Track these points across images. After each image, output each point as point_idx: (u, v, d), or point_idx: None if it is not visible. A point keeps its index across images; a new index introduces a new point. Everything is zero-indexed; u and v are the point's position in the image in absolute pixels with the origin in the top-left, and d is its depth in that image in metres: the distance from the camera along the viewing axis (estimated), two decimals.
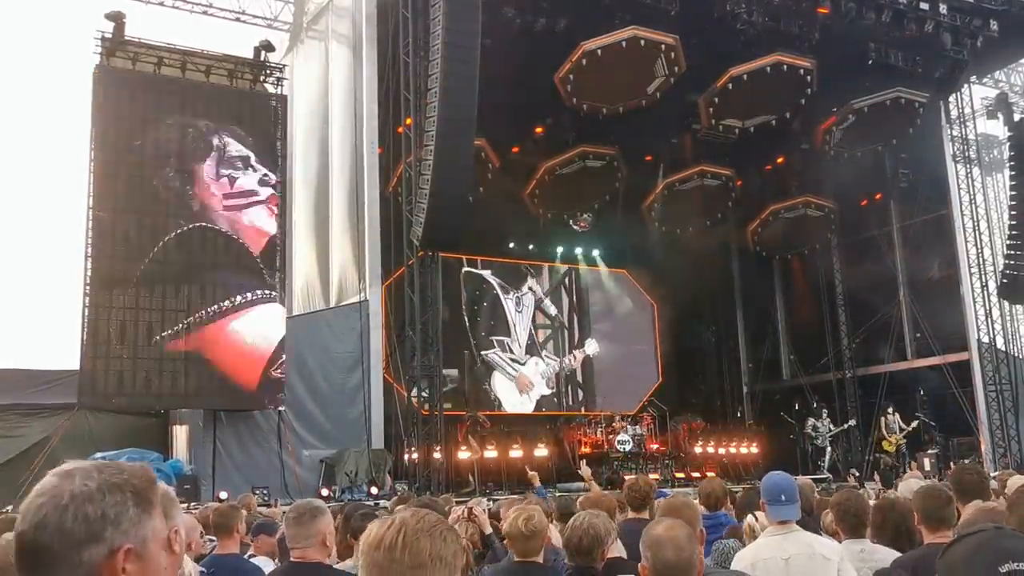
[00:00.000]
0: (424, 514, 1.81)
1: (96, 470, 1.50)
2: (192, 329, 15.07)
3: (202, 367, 14.98)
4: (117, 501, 1.45)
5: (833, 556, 3.87)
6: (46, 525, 1.41)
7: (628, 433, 20.41)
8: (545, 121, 21.49)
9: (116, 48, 15.53)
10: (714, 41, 18.46)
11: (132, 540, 1.45)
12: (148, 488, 1.52)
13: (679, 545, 2.86)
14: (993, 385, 20.33)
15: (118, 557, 1.44)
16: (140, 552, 1.46)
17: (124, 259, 14.80)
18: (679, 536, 2.90)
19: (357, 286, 16.85)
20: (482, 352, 23.35)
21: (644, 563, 2.93)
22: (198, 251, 15.36)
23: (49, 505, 1.43)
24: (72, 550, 1.41)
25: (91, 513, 1.42)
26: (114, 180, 15.00)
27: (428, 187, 14.59)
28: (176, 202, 15.30)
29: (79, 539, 1.41)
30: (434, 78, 14.54)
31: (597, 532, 3.61)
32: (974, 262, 20.90)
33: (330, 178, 17.83)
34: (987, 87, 23.51)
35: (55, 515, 1.42)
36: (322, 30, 18.94)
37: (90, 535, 1.41)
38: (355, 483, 15.06)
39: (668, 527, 2.96)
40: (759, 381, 26.92)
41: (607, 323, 25.96)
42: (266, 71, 16.86)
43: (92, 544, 1.41)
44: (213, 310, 15.27)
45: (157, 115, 15.46)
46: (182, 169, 15.41)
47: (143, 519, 1.48)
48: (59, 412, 14.87)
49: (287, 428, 15.69)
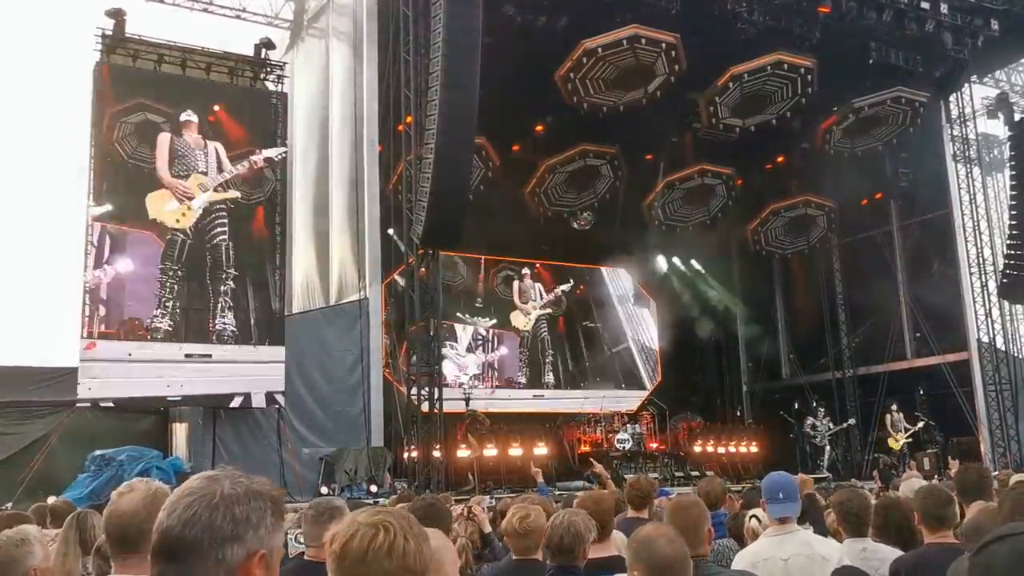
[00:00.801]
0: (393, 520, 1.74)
1: (243, 476, 1.63)
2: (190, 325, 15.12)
3: (202, 363, 15.00)
4: (259, 507, 1.57)
5: (833, 557, 3.87)
6: (196, 521, 1.52)
7: (628, 432, 20.40)
8: (546, 119, 21.51)
9: (116, 45, 15.53)
10: (715, 40, 18.45)
11: (266, 546, 1.57)
12: (282, 502, 1.65)
13: (671, 539, 2.86)
14: (993, 385, 20.34)
15: (254, 560, 1.55)
16: (269, 560, 1.58)
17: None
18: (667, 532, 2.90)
19: (357, 284, 16.84)
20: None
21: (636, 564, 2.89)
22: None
23: (200, 504, 1.54)
24: (218, 546, 1.51)
25: (239, 514, 1.54)
26: (113, 177, 15.01)
27: (428, 185, 14.58)
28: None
29: (225, 536, 1.52)
30: (435, 76, 14.53)
31: (578, 530, 3.59)
32: (974, 262, 20.90)
33: (330, 176, 17.82)
34: (987, 87, 23.50)
35: (206, 512, 1.52)
36: (323, 28, 18.93)
37: (235, 535, 1.53)
38: (354, 481, 15.06)
39: (655, 526, 2.98)
40: (758, 380, 26.93)
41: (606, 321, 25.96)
42: (267, 69, 16.86)
43: (235, 543, 1.53)
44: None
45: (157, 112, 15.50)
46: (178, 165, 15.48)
47: (276, 529, 1.60)
48: (58, 410, 14.86)
49: (287, 426, 15.70)
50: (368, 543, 1.67)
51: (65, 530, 3.85)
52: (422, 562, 1.70)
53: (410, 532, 1.71)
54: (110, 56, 15.48)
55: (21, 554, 2.99)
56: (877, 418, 21.66)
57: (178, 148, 15.65)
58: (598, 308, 25.98)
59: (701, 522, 3.56)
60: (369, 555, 1.66)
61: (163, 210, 15.43)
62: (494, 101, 15.44)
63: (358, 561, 1.67)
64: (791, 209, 24.14)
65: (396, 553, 1.67)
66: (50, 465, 14.02)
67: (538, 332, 24.57)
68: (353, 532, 1.70)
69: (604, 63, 18.10)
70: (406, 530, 1.71)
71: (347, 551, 1.68)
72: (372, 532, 1.68)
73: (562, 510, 3.99)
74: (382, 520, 1.71)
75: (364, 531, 1.69)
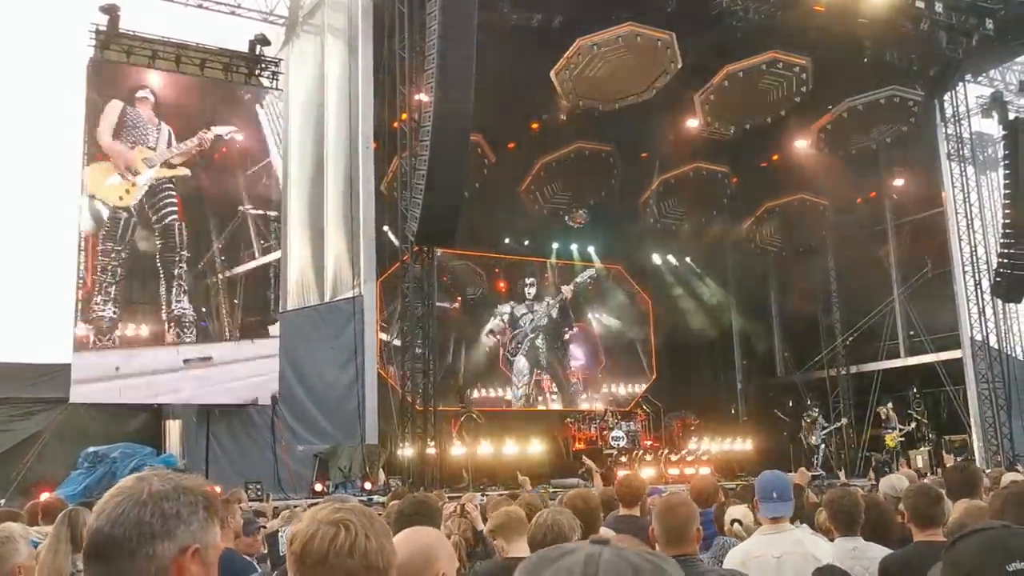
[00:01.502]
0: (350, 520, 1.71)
1: (172, 474, 1.62)
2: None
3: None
4: (190, 503, 1.57)
5: (824, 556, 3.88)
6: (124, 520, 1.52)
7: (622, 429, 20.44)
8: (541, 117, 21.49)
9: (110, 41, 15.47)
10: (710, 38, 18.46)
11: (199, 541, 1.56)
12: (215, 498, 1.63)
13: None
14: (986, 383, 20.39)
15: (187, 555, 1.54)
16: (204, 556, 1.57)
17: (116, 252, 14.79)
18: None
19: (351, 281, 16.83)
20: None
21: None
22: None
23: (128, 502, 1.53)
24: (148, 542, 1.51)
25: (168, 510, 1.54)
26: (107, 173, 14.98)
27: (424, 182, 14.58)
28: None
29: (155, 532, 1.52)
30: (430, 73, 14.52)
31: (561, 529, 3.59)
32: (968, 260, 20.94)
33: (325, 173, 17.80)
34: (982, 86, 23.51)
35: (134, 510, 1.53)
36: (318, 24, 18.89)
37: (165, 531, 1.52)
38: (349, 478, 15.07)
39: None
40: (753, 378, 26.98)
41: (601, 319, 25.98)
42: (261, 65, 16.82)
43: (165, 539, 1.52)
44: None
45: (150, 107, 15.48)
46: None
47: (209, 524, 1.59)
48: (52, 406, 14.83)
49: (281, 423, 15.68)
50: (329, 543, 1.65)
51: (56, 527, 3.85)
52: (385, 560, 1.67)
53: (371, 530, 1.68)
54: (104, 52, 15.44)
55: (6, 551, 2.99)
56: (870, 416, 21.70)
57: (129, 118, 15.27)
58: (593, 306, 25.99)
59: (690, 521, 3.57)
60: (330, 555, 1.64)
61: (103, 184, 14.91)
62: (490, 98, 15.44)
63: (319, 561, 1.64)
64: (786, 207, 24.18)
65: (358, 552, 1.64)
66: (43, 462, 14.01)
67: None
68: (313, 532, 1.67)
69: (600, 60, 18.09)
70: (367, 528, 1.68)
71: (308, 551, 1.66)
72: (333, 531, 1.66)
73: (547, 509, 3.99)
74: (342, 519, 1.68)
75: (324, 530, 1.66)
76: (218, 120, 16.10)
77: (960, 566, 1.48)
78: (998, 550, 1.46)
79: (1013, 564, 1.43)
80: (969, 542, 1.51)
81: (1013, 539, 1.49)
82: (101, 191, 14.85)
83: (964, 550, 1.50)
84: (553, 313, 24.88)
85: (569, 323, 25.19)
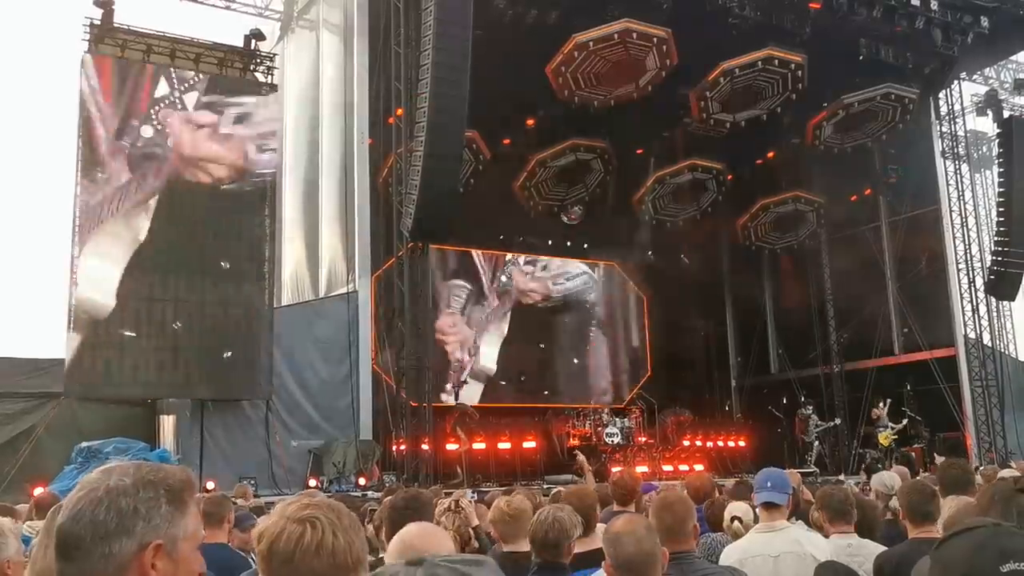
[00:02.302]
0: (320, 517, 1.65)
1: (135, 467, 1.55)
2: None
3: (190, 355, 14.96)
4: (150, 497, 1.50)
5: (821, 554, 3.88)
6: (81, 517, 1.47)
7: (616, 426, 20.47)
8: (536, 113, 21.47)
9: (104, 35, 15.40)
10: (706, 35, 18.44)
11: (162, 537, 1.50)
12: (184, 489, 1.56)
13: (638, 538, 2.87)
14: (979, 381, 20.45)
15: (147, 553, 1.48)
16: (170, 550, 1.51)
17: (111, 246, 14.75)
18: (637, 529, 2.91)
19: (346, 277, 16.81)
20: None
21: (607, 561, 2.93)
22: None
23: (86, 498, 1.48)
24: (103, 541, 1.46)
25: (124, 506, 1.47)
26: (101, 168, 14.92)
27: (419, 178, 14.56)
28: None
29: (109, 530, 1.46)
30: (425, 69, 14.50)
31: (563, 526, 3.58)
32: (962, 258, 21.00)
33: (320, 169, 17.77)
34: (977, 84, 23.59)
35: (90, 507, 1.47)
36: (313, 19, 18.85)
37: (121, 528, 1.46)
38: (343, 474, 15.06)
39: (626, 521, 2.98)
40: (747, 375, 27.00)
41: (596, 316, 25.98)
42: (256, 60, 16.75)
43: (122, 536, 1.46)
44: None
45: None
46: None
47: (175, 518, 1.52)
48: (45, 401, 14.79)
49: (275, 418, 15.65)
50: (295, 543, 1.60)
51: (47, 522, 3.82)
52: (353, 557, 1.63)
53: (339, 527, 1.63)
54: (98, 46, 15.36)
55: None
56: (864, 414, 21.74)
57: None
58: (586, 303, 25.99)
59: (687, 518, 3.56)
60: (296, 555, 1.59)
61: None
62: (485, 94, 15.41)
63: (285, 561, 1.59)
64: (781, 204, 24.20)
65: (325, 551, 1.60)
66: (37, 456, 13.97)
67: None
68: (279, 530, 1.62)
69: (595, 57, 18.08)
70: (335, 525, 1.63)
71: (274, 551, 1.61)
72: (299, 530, 1.61)
73: (547, 505, 3.99)
74: (310, 516, 1.63)
75: (291, 529, 1.61)
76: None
77: (952, 565, 1.44)
78: (991, 550, 1.41)
79: (1008, 565, 1.37)
80: (959, 542, 1.46)
81: (1006, 538, 1.43)
82: None
83: (954, 550, 1.45)
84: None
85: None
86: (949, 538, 1.49)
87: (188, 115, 15.72)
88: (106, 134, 15.04)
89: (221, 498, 5.66)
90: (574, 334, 25.43)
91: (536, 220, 23.88)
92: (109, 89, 15.22)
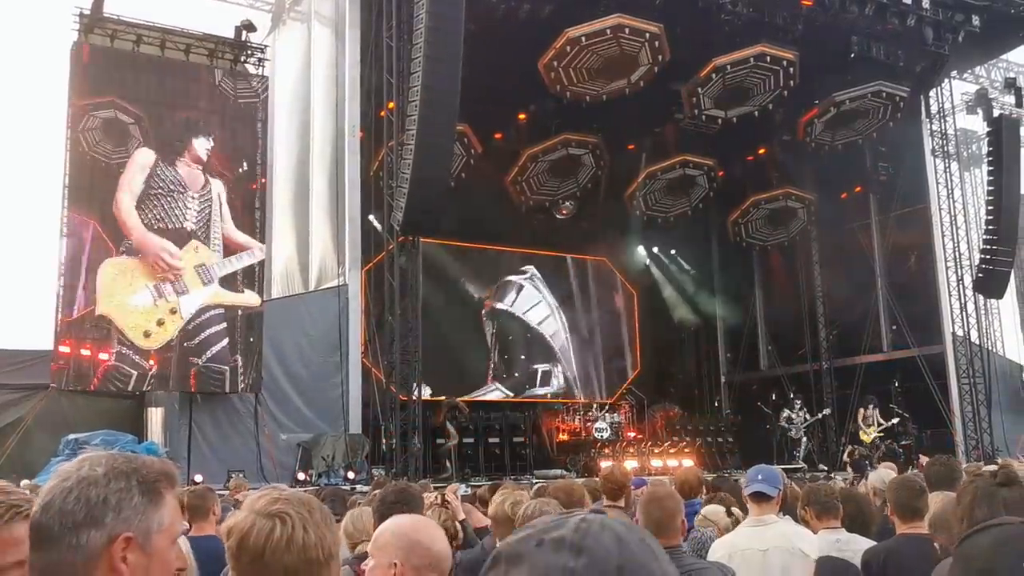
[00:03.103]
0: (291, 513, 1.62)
1: (108, 457, 1.51)
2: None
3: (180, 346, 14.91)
4: (121, 488, 1.46)
5: (812, 551, 3.89)
6: (50, 507, 1.44)
7: (606, 421, 20.50)
8: (528, 108, 21.45)
9: (94, 25, 15.30)
10: (698, 30, 18.45)
11: (134, 530, 1.45)
12: (159, 480, 1.51)
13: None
14: (967, 378, 20.55)
15: (117, 544, 1.44)
16: (143, 543, 1.46)
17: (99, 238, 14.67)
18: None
19: (336, 270, 16.77)
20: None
21: None
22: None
23: (57, 488, 1.46)
24: (71, 531, 1.42)
25: (93, 496, 1.44)
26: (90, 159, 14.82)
27: (409, 172, 14.53)
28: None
29: (77, 521, 1.42)
30: (417, 62, 14.46)
31: None
32: (950, 256, 21.07)
33: (311, 161, 17.71)
34: (967, 82, 23.66)
35: (60, 497, 1.44)
36: (304, 11, 18.77)
37: (89, 518, 1.43)
38: (332, 468, 15.04)
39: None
40: (737, 371, 27.08)
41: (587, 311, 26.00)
42: (247, 52, 16.67)
43: (91, 528, 1.42)
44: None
45: (134, 94, 15.33)
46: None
47: (148, 510, 1.48)
48: (33, 393, 14.72)
49: (264, 412, 15.62)
50: (265, 539, 1.58)
51: None
52: (325, 552, 1.61)
53: (310, 521, 1.61)
54: (88, 35, 15.26)
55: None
56: (852, 410, 21.83)
57: (160, 178, 15.13)
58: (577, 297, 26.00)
59: (675, 513, 3.57)
60: (267, 552, 1.57)
61: (126, 305, 14.41)
62: (477, 88, 15.40)
63: (256, 558, 1.57)
64: (772, 201, 24.26)
65: (295, 547, 1.58)
66: (24, 449, 13.90)
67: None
68: (249, 526, 1.60)
69: (588, 52, 18.07)
70: (305, 520, 1.61)
71: (244, 547, 1.59)
72: (269, 526, 1.59)
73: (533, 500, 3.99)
74: (280, 511, 1.61)
75: (261, 525, 1.59)
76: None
77: (973, 561, 1.44)
78: (1013, 547, 1.42)
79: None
80: (983, 538, 1.46)
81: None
82: (122, 315, 14.45)
83: (978, 545, 1.46)
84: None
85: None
86: (971, 535, 1.50)
87: None
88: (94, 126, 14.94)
89: (205, 490, 5.68)
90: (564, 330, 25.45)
91: (527, 215, 23.87)
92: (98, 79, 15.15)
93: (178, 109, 15.74)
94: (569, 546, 0.91)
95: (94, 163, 14.77)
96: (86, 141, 14.72)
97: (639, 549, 0.93)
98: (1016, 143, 20.47)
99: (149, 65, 15.67)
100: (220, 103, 16.11)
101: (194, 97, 15.96)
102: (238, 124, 16.20)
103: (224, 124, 16.08)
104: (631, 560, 0.91)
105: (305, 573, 1.58)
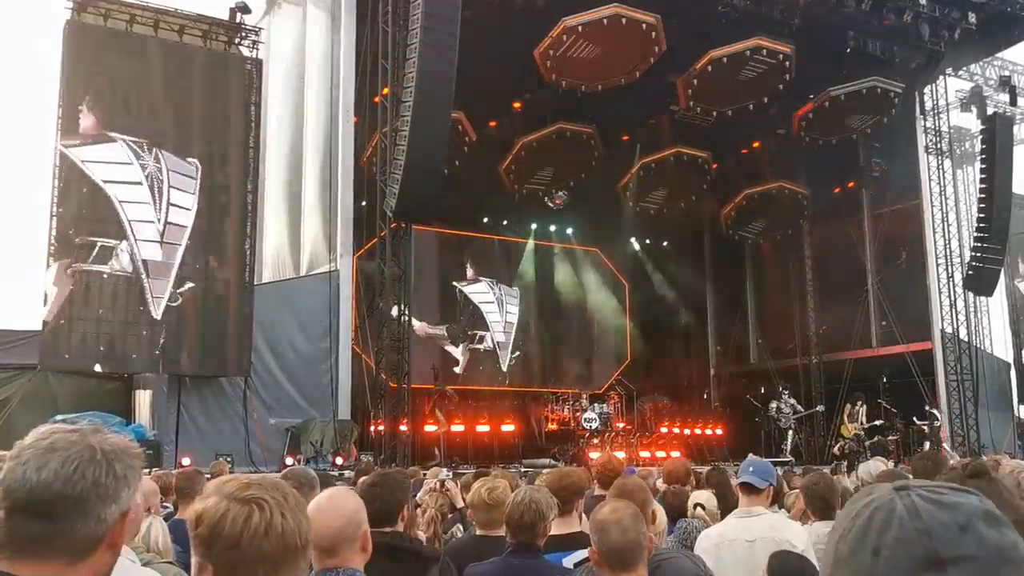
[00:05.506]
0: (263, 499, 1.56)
1: (94, 431, 1.49)
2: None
3: (168, 329, 14.85)
4: (133, 465, 1.47)
5: (799, 543, 3.89)
6: (79, 479, 1.39)
7: (595, 411, 20.53)
8: (523, 97, 21.41)
9: (87, 4, 15.16)
10: (695, 22, 18.42)
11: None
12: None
13: (624, 527, 2.87)
14: (955, 375, 20.65)
15: (126, 519, 1.45)
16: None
17: (90, 220, 14.57)
18: (623, 518, 2.90)
19: (328, 256, 16.71)
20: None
21: (593, 548, 2.95)
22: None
23: (79, 459, 1.40)
24: (102, 505, 1.40)
25: (119, 471, 1.43)
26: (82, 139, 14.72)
27: (403, 158, 14.48)
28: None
29: (108, 494, 1.41)
30: (413, 48, 14.39)
31: (539, 508, 3.58)
32: (941, 253, 21.14)
33: (304, 146, 17.61)
34: (962, 80, 23.69)
35: (89, 468, 1.40)
36: None
37: (115, 493, 1.42)
38: (320, 453, 15.03)
39: (612, 509, 2.97)
40: (726, 364, 27.16)
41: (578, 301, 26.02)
42: (241, 34, 16.54)
43: (113, 503, 1.42)
44: None
45: (127, 74, 15.22)
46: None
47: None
48: (20, 373, 14.64)
49: (253, 396, 15.57)
50: (242, 526, 1.51)
51: None
52: (302, 538, 1.56)
53: (287, 507, 1.55)
54: (81, 15, 15.12)
55: None
56: (840, 405, 21.92)
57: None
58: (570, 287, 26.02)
59: (645, 504, 3.58)
60: (244, 539, 1.50)
61: None
62: (472, 76, 15.33)
63: (231, 546, 1.50)
64: (765, 195, 24.29)
65: (274, 534, 1.51)
66: (10, 429, 13.81)
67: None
68: (222, 512, 1.52)
69: (584, 42, 18.01)
70: (282, 505, 1.54)
71: (217, 534, 1.51)
72: (246, 512, 1.52)
73: (524, 487, 3.99)
74: (255, 496, 1.54)
75: (236, 512, 1.52)
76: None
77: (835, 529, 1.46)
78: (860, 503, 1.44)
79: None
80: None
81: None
82: None
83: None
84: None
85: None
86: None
87: None
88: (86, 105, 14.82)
89: (193, 472, 5.71)
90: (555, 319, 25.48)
91: (520, 204, 23.83)
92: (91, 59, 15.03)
93: (171, 90, 15.62)
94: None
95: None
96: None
97: None
98: (1009, 141, 20.55)
99: (142, 45, 15.52)
100: (212, 85, 15.99)
101: (186, 78, 15.83)
102: (231, 107, 16.09)
103: (216, 107, 15.97)
104: None
105: (283, 560, 1.53)
